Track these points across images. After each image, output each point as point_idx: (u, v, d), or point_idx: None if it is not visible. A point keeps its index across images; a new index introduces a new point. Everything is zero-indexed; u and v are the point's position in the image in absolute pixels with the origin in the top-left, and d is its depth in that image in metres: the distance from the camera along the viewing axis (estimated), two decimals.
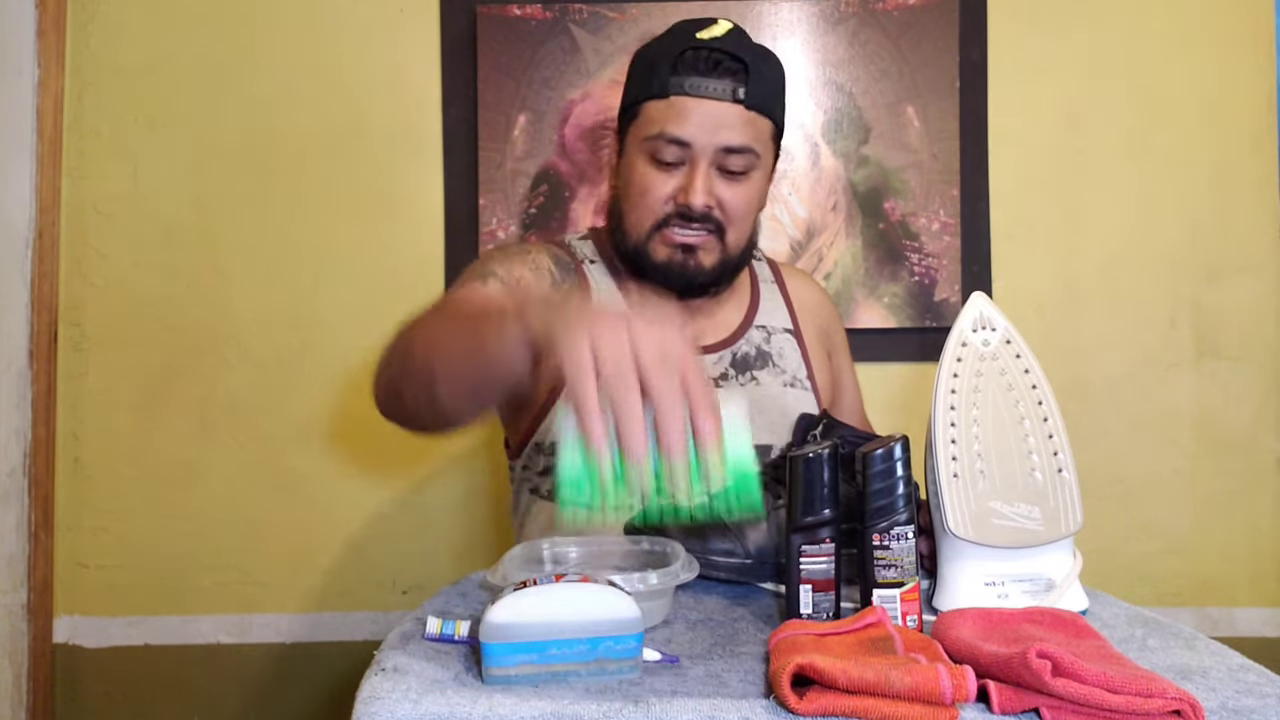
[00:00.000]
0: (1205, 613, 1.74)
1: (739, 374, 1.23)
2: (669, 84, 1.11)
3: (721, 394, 0.71)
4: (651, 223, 1.15)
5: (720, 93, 1.11)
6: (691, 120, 1.11)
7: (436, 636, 0.74)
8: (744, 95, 1.12)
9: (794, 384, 1.26)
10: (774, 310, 1.31)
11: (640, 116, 1.15)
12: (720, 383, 1.21)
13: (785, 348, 1.28)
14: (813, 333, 1.33)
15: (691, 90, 1.11)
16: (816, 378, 1.29)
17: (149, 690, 1.70)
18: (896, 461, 0.80)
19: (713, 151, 1.12)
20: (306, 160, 1.73)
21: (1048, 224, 1.76)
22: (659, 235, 1.15)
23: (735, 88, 1.11)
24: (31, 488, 1.64)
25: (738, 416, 0.71)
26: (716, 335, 1.25)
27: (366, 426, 1.72)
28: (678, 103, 1.11)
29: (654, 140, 1.12)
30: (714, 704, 0.62)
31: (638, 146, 1.15)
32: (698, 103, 1.11)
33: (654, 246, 1.16)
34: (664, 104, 1.12)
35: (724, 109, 1.11)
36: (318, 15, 1.73)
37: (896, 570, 0.79)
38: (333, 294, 1.73)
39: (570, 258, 1.24)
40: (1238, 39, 1.76)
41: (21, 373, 1.64)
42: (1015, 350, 0.86)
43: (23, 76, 1.65)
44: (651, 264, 1.17)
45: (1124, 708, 0.58)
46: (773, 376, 1.25)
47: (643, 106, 1.14)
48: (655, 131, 1.12)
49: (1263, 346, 1.76)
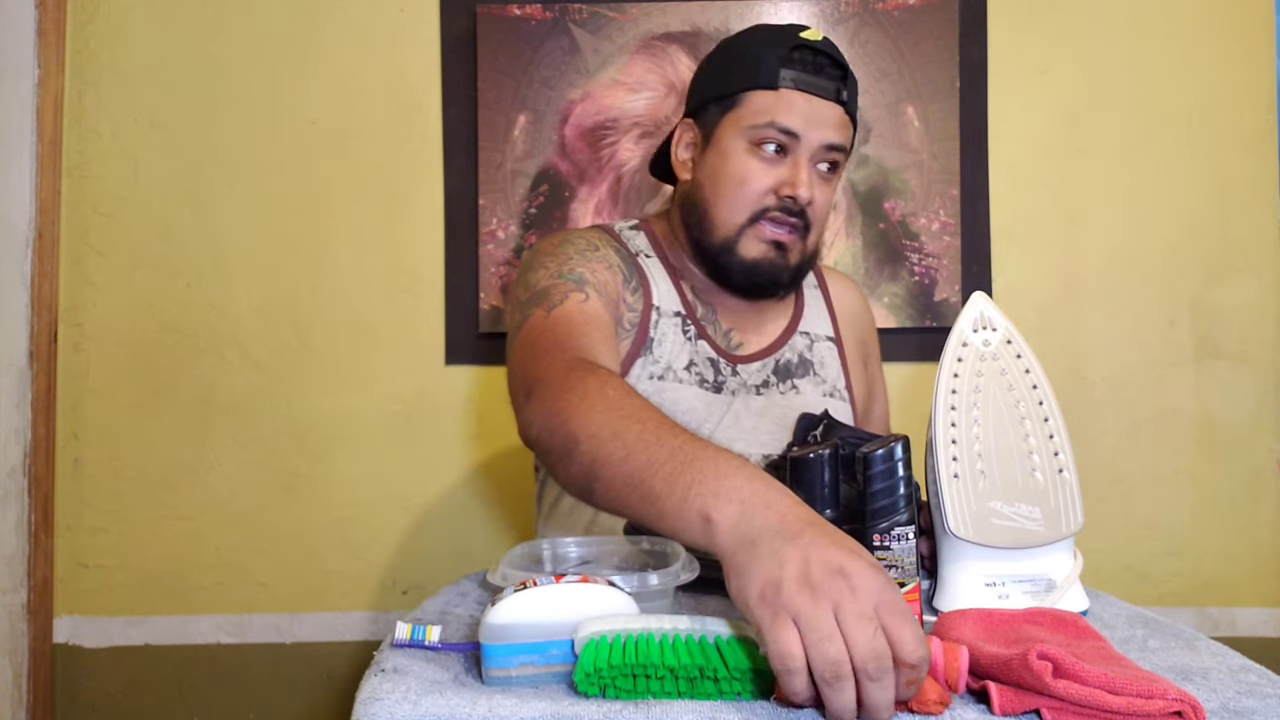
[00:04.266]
0: (1205, 613, 1.74)
1: (780, 381, 1.22)
2: (779, 76, 1.12)
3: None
4: (749, 215, 1.13)
5: (826, 91, 1.12)
6: (802, 113, 1.11)
7: (406, 642, 0.73)
8: (845, 97, 1.14)
9: (833, 394, 1.25)
10: (817, 316, 1.30)
11: (742, 105, 1.14)
12: (761, 390, 1.20)
13: (826, 356, 1.27)
14: (852, 341, 1.32)
15: (801, 85, 1.12)
16: (854, 388, 1.29)
17: (149, 690, 1.70)
18: (897, 462, 0.80)
19: (816, 147, 1.12)
20: (306, 160, 1.73)
21: (1048, 224, 1.76)
22: (753, 230, 1.14)
23: (838, 88, 1.13)
24: (31, 488, 1.64)
25: None
26: (761, 341, 1.23)
27: (366, 426, 1.72)
28: (788, 95, 1.12)
29: (761, 129, 1.12)
30: (714, 704, 0.62)
31: (738, 135, 1.14)
32: (807, 98, 1.12)
33: (745, 242, 1.14)
34: (773, 95, 1.12)
35: (828, 107, 1.13)
36: (318, 15, 1.73)
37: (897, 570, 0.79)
38: (333, 294, 1.73)
39: (627, 250, 1.21)
40: (1238, 39, 1.76)
41: (21, 373, 1.64)
42: (1016, 350, 0.86)
43: (23, 76, 1.65)
44: (739, 261, 1.15)
45: (1125, 709, 0.58)
46: (813, 386, 1.24)
47: (746, 95, 1.13)
48: (764, 120, 1.11)
49: (1263, 346, 1.75)
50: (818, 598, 0.57)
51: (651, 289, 1.18)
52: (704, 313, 1.21)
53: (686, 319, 1.19)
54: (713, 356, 1.18)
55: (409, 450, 1.73)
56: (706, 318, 1.21)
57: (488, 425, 1.74)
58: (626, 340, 1.15)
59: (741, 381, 1.19)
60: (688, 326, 1.18)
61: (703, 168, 1.18)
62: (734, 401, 1.18)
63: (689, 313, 1.19)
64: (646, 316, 1.16)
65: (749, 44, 1.17)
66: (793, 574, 0.59)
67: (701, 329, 1.19)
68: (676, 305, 1.19)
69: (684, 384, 1.15)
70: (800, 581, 0.58)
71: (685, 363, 1.16)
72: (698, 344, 1.18)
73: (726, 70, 1.17)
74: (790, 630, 0.57)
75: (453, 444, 1.73)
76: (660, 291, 1.19)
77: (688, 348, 1.17)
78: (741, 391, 1.19)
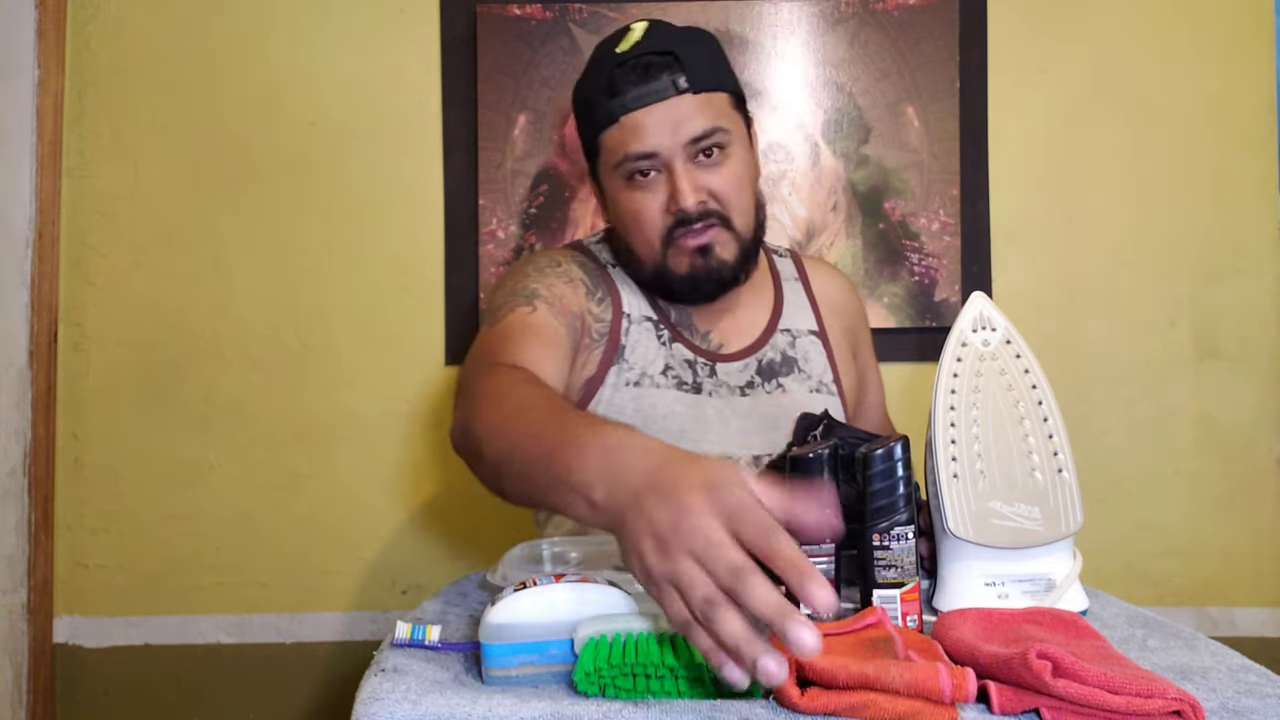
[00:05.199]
0: (1205, 613, 1.74)
1: (765, 381, 1.21)
2: (612, 108, 1.11)
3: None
4: (659, 240, 1.13)
5: (661, 92, 1.09)
6: (648, 130, 1.10)
7: (406, 642, 0.73)
8: (685, 83, 1.10)
9: (820, 389, 1.24)
10: (798, 311, 1.29)
11: (602, 150, 1.14)
12: (746, 391, 1.20)
13: (810, 351, 1.26)
14: (838, 332, 1.31)
15: (634, 104, 1.10)
16: (842, 380, 1.28)
17: (149, 690, 1.70)
18: (896, 462, 0.80)
19: (681, 149, 1.10)
20: (306, 160, 1.73)
21: (1048, 224, 1.76)
22: (672, 248, 1.13)
23: (673, 80, 1.10)
24: (31, 488, 1.64)
25: None
26: (741, 341, 1.23)
27: (366, 426, 1.72)
28: (628, 121, 1.10)
29: (622, 165, 1.12)
30: (714, 704, 0.62)
31: (613, 176, 1.14)
32: (646, 112, 1.10)
33: (672, 260, 1.14)
34: (616, 128, 1.11)
35: (673, 105, 1.10)
36: (318, 15, 1.73)
37: (897, 570, 0.79)
38: (333, 294, 1.73)
39: (595, 263, 1.22)
40: (1238, 39, 1.76)
41: (21, 373, 1.64)
42: (1015, 350, 0.86)
43: (23, 76, 1.65)
44: (676, 279, 1.15)
45: (1124, 708, 0.58)
46: (799, 383, 1.23)
47: (600, 139, 1.14)
48: (620, 157, 1.11)
49: (1262, 347, 1.75)
50: (673, 555, 0.59)
51: (621, 297, 1.19)
52: (678, 316, 1.21)
53: (659, 323, 1.19)
54: (690, 358, 1.19)
55: (409, 450, 1.73)
56: (681, 321, 1.21)
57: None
58: (597, 350, 1.16)
59: (721, 381, 1.19)
60: (661, 330, 1.19)
61: (610, 213, 1.20)
62: (718, 403, 1.18)
63: (661, 317, 1.20)
64: (617, 325, 1.17)
65: (584, 89, 1.17)
66: (649, 547, 0.61)
67: (676, 333, 1.20)
68: (647, 310, 1.20)
69: (661, 388, 1.16)
70: (656, 550, 0.60)
71: (661, 367, 1.17)
72: (673, 347, 1.18)
73: (580, 123, 1.19)
74: (672, 596, 0.59)
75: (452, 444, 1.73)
76: (630, 299, 1.19)
77: (663, 352, 1.18)
78: (724, 392, 1.18)
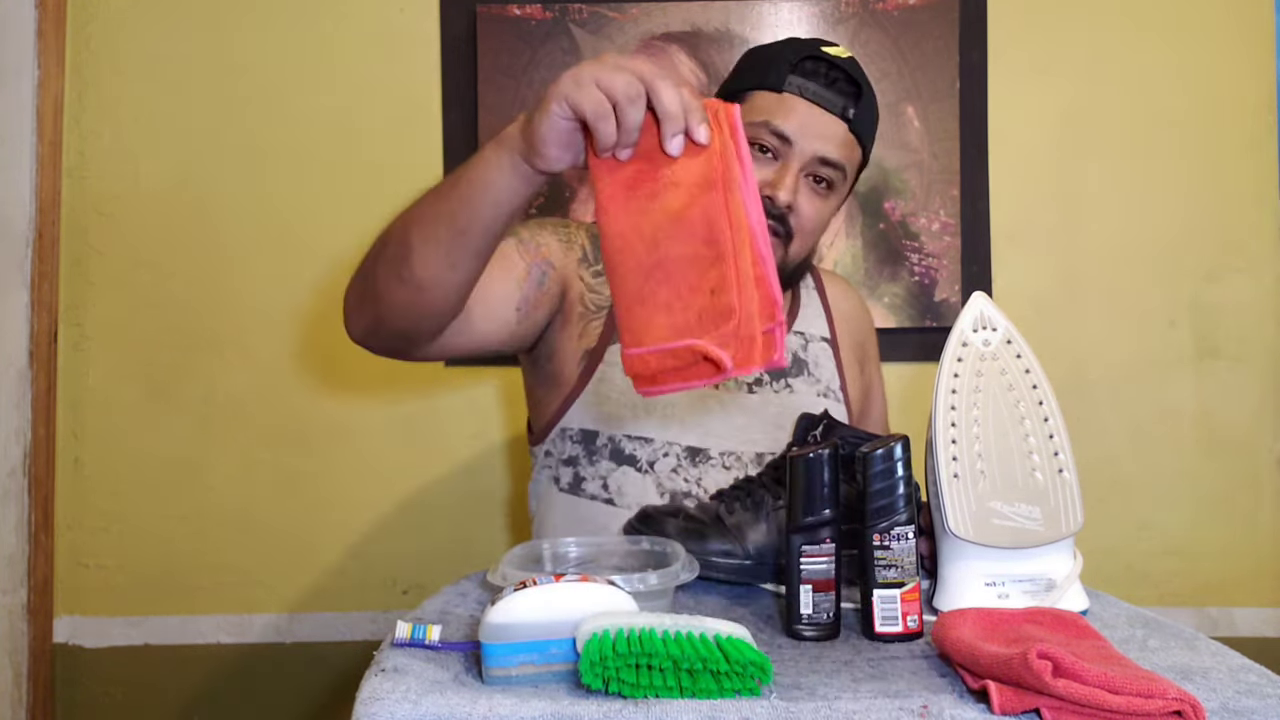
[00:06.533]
0: (1205, 613, 1.74)
1: (774, 380, 1.22)
2: (786, 80, 1.12)
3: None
4: None
5: (832, 105, 1.12)
6: (799, 119, 1.11)
7: (406, 641, 0.73)
8: (852, 115, 1.12)
9: (827, 394, 1.25)
10: (813, 317, 1.30)
11: (745, 103, 1.13)
12: (754, 389, 1.20)
13: (821, 357, 1.27)
14: (849, 343, 1.32)
15: (805, 93, 1.11)
16: (849, 389, 1.29)
17: (149, 690, 1.70)
18: (897, 461, 0.80)
19: (809, 156, 1.11)
20: (306, 160, 1.73)
21: (1048, 224, 1.76)
22: None
23: (846, 106, 1.12)
24: (31, 488, 1.64)
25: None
26: None
27: (366, 426, 1.72)
28: (790, 100, 1.11)
29: (756, 127, 1.11)
30: (714, 704, 0.62)
31: None
32: (809, 106, 1.11)
33: None
34: (775, 97, 1.12)
35: (831, 121, 1.12)
36: (318, 15, 1.73)
37: (897, 570, 0.79)
38: (333, 294, 1.73)
39: None
40: (1238, 39, 1.76)
41: (21, 373, 1.64)
42: (1016, 350, 0.86)
43: (23, 76, 1.65)
44: None
45: (1125, 708, 0.58)
46: (807, 385, 1.24)
47: (751, 94, 1.14)
48: (760, 119, 1.11)
49: (1262, 346, 1.76)
50: (590, 74, 0.76)
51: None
52: None
53: None
54: None
55: (409, 450, 1.73)
56: None
57: (488, 425, 1.74)
58: (596, 321, 1.17)
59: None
60: None
61: None
62: (724, 396, 1.18)
63: None
64: None
65: (770, 48, 1.18)
66: (568, 81, 0.77)
67: None
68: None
69: None
70: (573, 79, 0.76)
71: None
72: None
73: (743, 70, 1.19)
74: (573, 84, 0.76)
75: (453, 444, 1.73)
76: None
77: None
78: (731, 385, 1.19)
